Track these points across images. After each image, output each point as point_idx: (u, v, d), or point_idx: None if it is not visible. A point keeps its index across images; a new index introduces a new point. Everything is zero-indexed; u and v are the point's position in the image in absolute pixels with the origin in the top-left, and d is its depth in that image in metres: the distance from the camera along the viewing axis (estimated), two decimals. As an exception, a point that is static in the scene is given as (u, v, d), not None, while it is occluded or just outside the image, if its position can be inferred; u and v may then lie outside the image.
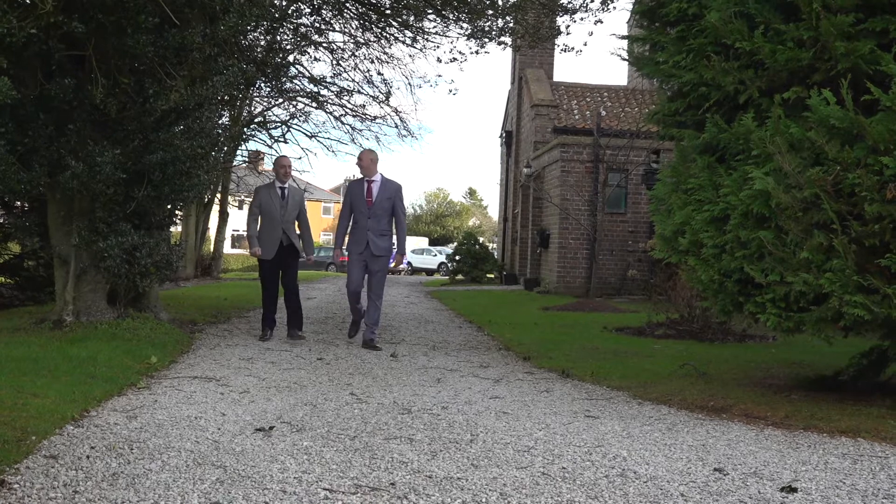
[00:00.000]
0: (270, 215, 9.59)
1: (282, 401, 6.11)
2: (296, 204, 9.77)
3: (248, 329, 10.81)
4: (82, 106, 8.73)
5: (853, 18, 5.59)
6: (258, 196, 9.73)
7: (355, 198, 9.41)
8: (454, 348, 9.80)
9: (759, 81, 6.10)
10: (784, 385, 7.21)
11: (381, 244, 9.33)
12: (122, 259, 9.07)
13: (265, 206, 9.63)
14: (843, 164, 5.48)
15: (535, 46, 17.27)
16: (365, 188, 9.38)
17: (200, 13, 9.16)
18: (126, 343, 8.26)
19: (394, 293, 21.38)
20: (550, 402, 6.47)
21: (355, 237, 9.38)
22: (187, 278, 22.54)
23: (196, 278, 23.91)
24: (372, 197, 9.34)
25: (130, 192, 9.10)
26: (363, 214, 9.30)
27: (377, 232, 9.31)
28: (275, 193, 9.69)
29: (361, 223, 9.32)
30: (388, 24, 15.86)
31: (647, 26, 7.49)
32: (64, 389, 5.80)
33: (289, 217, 9.67)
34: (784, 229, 5.80)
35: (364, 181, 9.43)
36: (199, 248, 25.63)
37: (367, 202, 9.32)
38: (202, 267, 25.68)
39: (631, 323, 12.67)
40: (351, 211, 9.45)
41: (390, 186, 9.41)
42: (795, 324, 5.96)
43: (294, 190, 9.89)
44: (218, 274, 26.24)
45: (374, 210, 9.29)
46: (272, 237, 9.59)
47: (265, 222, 9.62)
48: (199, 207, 23.97)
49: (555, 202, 21.30)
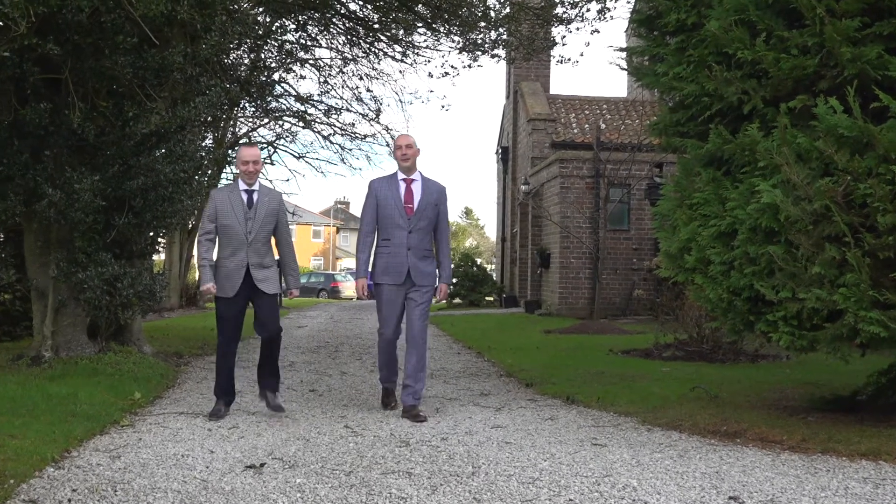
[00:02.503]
0: (231, 231, 6.93)
1: (273, 435, 6.09)
2: (270, 214, 7.05)
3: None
4: (59, 131, 8.75)
5: (859, 23, 5.63)
6: (213, 203, 7.01)
7: (386, 205, 7.14)
8: (453, 376, 9.78)
9: (763, 91, 6.13)
10: (800, 407, 7.19)
11: (426, 269, 7.17)
12: (102, 290, 9.05)
13: (224, 218, 6.94)
14: (854, 173, 5.50)
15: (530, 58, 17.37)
16: (402, 190, 7.16)
17: (181, 32, 9.21)
18: (108, 379, 8.23)
19: (388, 319, 21.30)
20: (555, 431, 6.45)
21: (388, 260, 7.13)
22: (172, 308, 22.49)
23: (181, 308, 23.86)
24: (413, 203, 7.14)
25: (110, 220, 9.10)
26: (400, 228, 7.10)
27: (420, 253, 7.15)
28: (237, 199, 6.98)
29: (397, 240, 7.10)
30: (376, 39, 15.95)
31: (645, 36, 7.53)
32: (43, 429, 5.77)
33: (259, 233, 6.96)
34: (794, 243, 5.81)
35: (399, 180, 7.20)
36: (184, 277, 25.61)
37: (407, 210, 7.12)
38: (187, 296, 25.63)
39: (637, 345, 12.65)
40: (377, 222, 7.22)
41: (434, 188, 7.27)
42: (809, 342, 5.97)
43: (266, 193, 7.17)
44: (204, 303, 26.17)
45: (415, 222, 7.12)
46: (233, 262, 6.90)
47: (224, 241, 6.97)
48: (182, 234, 23.97)
49: (555, 220, 21.34)
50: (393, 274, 7.12)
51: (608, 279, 20.84)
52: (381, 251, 7.19)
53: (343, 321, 20.09)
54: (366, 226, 7.27)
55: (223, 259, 6.95)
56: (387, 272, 7.14)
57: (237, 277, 6.89)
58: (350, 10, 15.13)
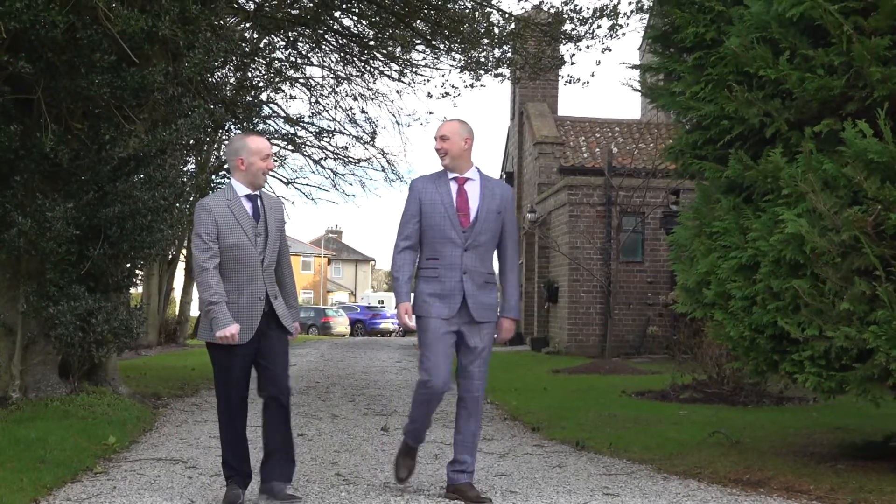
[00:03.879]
0: (240, 253, 5.53)
1: (258, 483, 6.06)
2: (279, 227, 5.79)
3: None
4: (30, 155, 8.78)
5: (889, 41, 5.67)
6: (209, 216, 5.50)
7: (433, 212, 5.78)
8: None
9: (786, 113, 6.16)
10: (828, 453, 7.17)
11: (487, 300, 5.86)
12: (75, 326, 9.05)
13: (228, 236, 5.52)
14: (885, 202, 5.51)
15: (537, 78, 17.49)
16: (454, 193, 5.81)
17: (162, 50, 9.27)
18: (80, 422, 8.20)
19: (383, 357, 21.32)
20: (564, 479, 6.42)
21: (435, 287, 5.77)
22: (150, 346, 22.46)
23: (160, 346, 23.82)
24: (470, 211, 5.79)
25: (84, 251, 9.11)
26: (453, 244, 5.75)
27: (480, 277, 5.82)
28: (240, 210, 5.58)
29: (449, 259, 5.76)
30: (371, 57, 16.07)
31: (660, 53, 7.58)
32: (10, 476, 5.75)
33: (272, 253, 5.67)
34: (821, 277, 5.81)
35: (449, 180, 5.85)
36: (163, 312, 25.59)
37: (462, 220, 5.77)
38: (166, 332, 25.59)
39: (653, 386, 12.62)
40: (419, 234, 5.85)
41: (497, 190, 5.92)
42: (838, 384, 5.96)
43: (269, 200, 5.83)
44: (184, 340, 26.15)
45: (474, 236, 5.78)
46: (245, 296, 5.53)
47: (230, 268, 5.53)
48: (162, 265, 23.99)
49: (563, 251, 21.36)
50: (442, 304, 5.74)
51: (621, 315, 20.82)
52: (426, 274, 5.83)
53: (334, 360, 20.05)
54: (405, 238, 5.84)
55: (234, 292, 5.51)
56: (433, 302, 5.75)
57: (253, 316, 5.51)
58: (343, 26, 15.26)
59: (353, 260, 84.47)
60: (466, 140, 5.82)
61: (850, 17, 5.78)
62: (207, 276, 5.42)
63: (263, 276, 5.57)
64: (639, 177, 20.87)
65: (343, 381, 14.39)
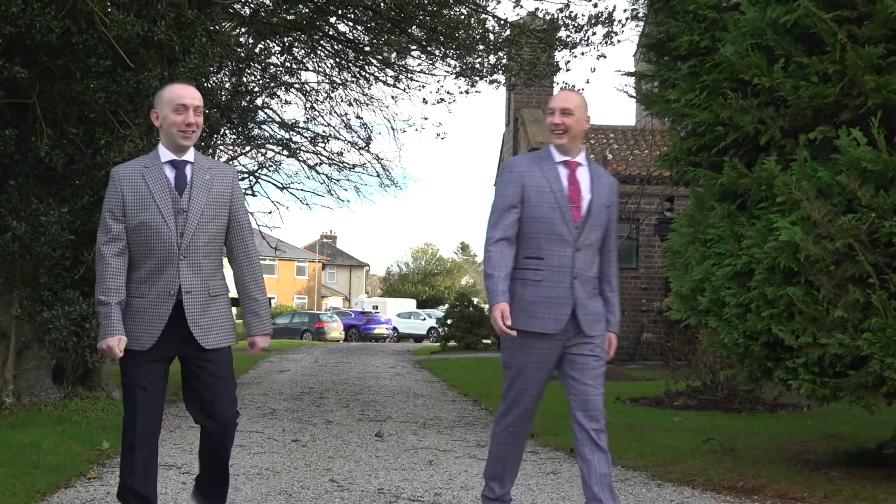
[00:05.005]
0: (149, 233, 4.34)
1: (252, 490, 6.06)
2: (216, 201, 4.46)
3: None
4: (25, 160, 8.79)
5: (883, 50, 5.69)
6: (116, 187, 4.37)
7: (540, 201, 4.74)
8: (447, 425, 9.74)
9: (781, 121, 6.19)
10: (822, 461, 7.18)
11: (597, 309, 4.87)
12: (69, 331, 9.04)
13: (136, 212, 4.34)
14: (879, 210, 5.53)
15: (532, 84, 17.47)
16: (563, 179, 4.79)
17: (157, 55, 9.27)
18: (74, 427, 8.19)
19: (377, 363, 21.31)
20: (558, 486, 6.43)
21: (538, 293, 4.72)
22: (143, 351, 22.41)
23: (153, 350, 23.76)
24: (582, 203, 4.80)
25: (79, 256, 9.11)
26: (563, 242, 4.73)
27: (590, 283, 4.85)
28: (157, 178, 4.38)
29: (557, 260, 4.74)
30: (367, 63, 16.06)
31: (655, 61, 7.60)
32: (3, 482, 5.75)
33: (198, 236, 4.40)
34: (815, 285, 5.83)
35: (557, 163, 4.82)
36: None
37: (573, 212, 4.75)
38: (160, 337, 25.52)
39: (647, 392, 12.63)
40: (518, 226, 4.77)
41: (605, 181, 4.92)
42: (832, 391, 5.97)
43: (209, 167, 4.53)
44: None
45: (586, 233, 4.79)
46: (153, 291, 4.35)
47: (137, 253, 4.36)
48: (156, 270, 23.92)
49: (558, 257, 21.34)
50: (546, 316, 4.70)
51: (615, 321, 20.82)
52: (526, 277, 4.75)
53: (329, 365, 20.04)
54: (501, 229, 4.74)
55: (134, 285, 4.33)
56: (534, 313, 4.70)
57: (158, 316, 4.32)
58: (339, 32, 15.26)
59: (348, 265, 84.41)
60: (588, 119, 4.87)
61: (844, 25, 5.81)
62: (101, 266, 4.29)
63: (180, 265, 4.31)
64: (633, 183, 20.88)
65: (337, 386, 14.38)
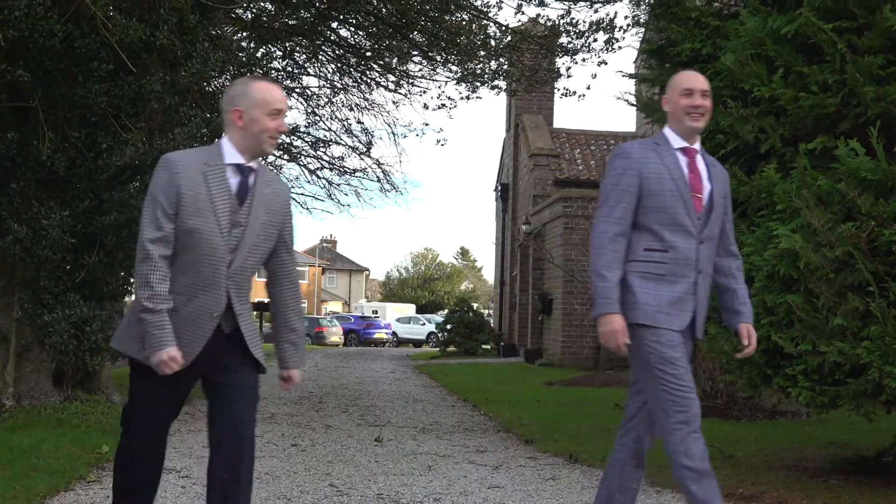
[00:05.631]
0: (201, 244, 3.84)
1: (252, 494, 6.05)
2: (271, 221, 4.01)
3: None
4: (27, 163, 8.80)
5: (882, 60, 5.72)
6: (172, 179, 3.84)
7: (660, 189, 4.30)
8: (446, 430, 9.75)
9: (781, 129, 6.21)
10: (821, 468, 7.19)
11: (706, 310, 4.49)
12: (69, 334, 9.04)
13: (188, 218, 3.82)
14: (878, 218, 5.55)
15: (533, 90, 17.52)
16: (684, 166, 4.36)
17: (160, 59, 9.29)
18: (74, 430, 8.19)
19: (377, 368, 21.32)
20: (557, 492, 6.43)
21: (664, 288, 4.27)
22: (143, 354, 22.41)
23: (153, 354, 23.77)
24: (703, 191, 4.37)
25: (80, 259, 9.11)
26: (686, 233, 4.30)
27: (706, 280, 4.41)
28: (219, 183, 3.87)
29: (683, 252, 4.29)
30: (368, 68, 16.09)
31: (656, 67, 7.62)
32: (2, 485, 5.75)
33: (251, 254, 3.95)
34: (815, 293, 5.84)
35: (675, 150, 4.38)
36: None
37: (695, 201, 4.34)
38: (160, 341, 25.54)
39: (646, 399, 12.62)
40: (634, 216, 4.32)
41: (719, 171, 4.50)
42: (831, 398, 5.98)
43: (269, 179, 4.06)
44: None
45: (711, 225, 4.38)
46: (197, 307, 3.86)
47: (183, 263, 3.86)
48: (156, 274, 23.94)
49: (558, 263, 21.39)
50: (672, 313, 4.25)
51: (615, 327, 20.81)
52: (649, 269, 4.29)
53: (328, 370, 20.04)
54: (616, 221, 4.29)
55: (176, 296, 3.83)
56: (659, 307, 4.24)
57: (198, 335, 3.85)
58: (341, 37, 15.28)
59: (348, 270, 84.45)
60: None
61: (844, 35, 5.83)
62: (148, 268, 3.76)
63: (227, 285, 3.87)
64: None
65: (336, 391, 14.39)
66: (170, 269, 3.80)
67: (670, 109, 4.40)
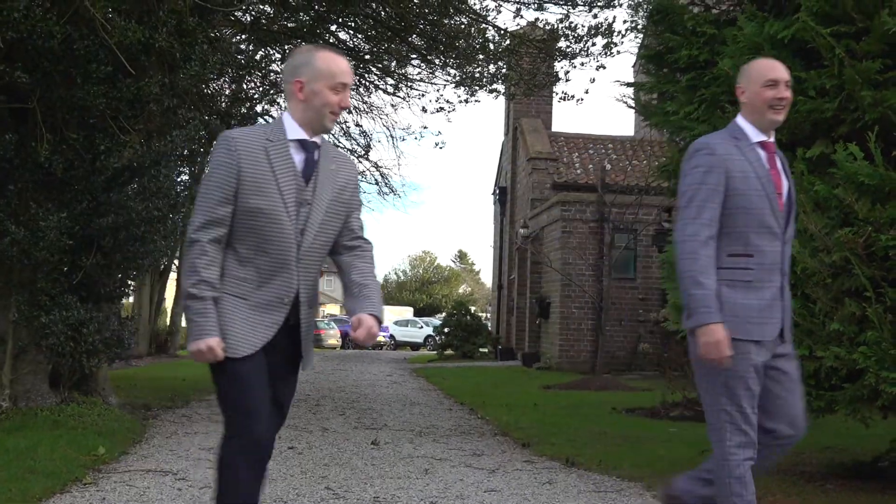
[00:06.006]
0: (267, 225, 3.62)
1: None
2: (341, 198, 3.81)
3: (210, 414, 10.74)
4: (24, 164, 8.79)
5: (880, 64, 5.73)
6: (231, 156, 3.59)
7: (746, 189, 4.00)
8: (443, 434, 9.75)
9: (778, 134, 6.20)
10: (817, 473, 7.19)
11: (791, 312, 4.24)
12: (66, 336, 9.03)
13: (255, 195, 3.60)
14: (875, 224, 5.56)
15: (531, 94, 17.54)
16: (765, 161, 4.09)
17: (158, 61, 9.29)
18: (70, 432, 8.18)
19: (374, 371, 21.31)
20: (553, 496, 6.43)
21: (750, 295, 3.99)
22: (140, 356, 22.41)
23: (150, 356, 23.78)
24: (782, 188, 4.11)
25: (77, 261, 9.11)
26: (772, 234, 4.04)
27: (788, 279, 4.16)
28: (283, 160, 3.65)
29: (770, 256, 4.03)
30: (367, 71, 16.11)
31: (654, 73, 7.64)
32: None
33: (321, 234, 3.75)
34: (811, 298, 5.85)
35: (754, 144, 4.11)
36: (154, 322, 25.54)
37: (778, 198, 4.06)
38: (157, 343, 25.55)
39: (643, 403, 12.63)
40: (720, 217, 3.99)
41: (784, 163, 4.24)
42: (827, 403, 5.99)
43: (334, 156, 3.86)
44: (175, 351, 26.10)
45: (790, 222, 4.14)
46: (269, 293, 3.67)
47: (249, 247, 3.64)
48: (153, 276, 23.96)
49: (555, 267, 21.39)
50: (759, 321, 3.99)
51: (612, 331, 20.84)
52: (733, 276, 4.01)
53: (325, 372, 20.04)
54: (706, 224, 3.97)
55: (235, 281, 3.64)
56: (747, 318, 3.97)
57: (264, 326, 3.66)
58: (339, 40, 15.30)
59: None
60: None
61: (843, 40, 5.84)
62: (195, 253, 3.57)
63: (298, 269, 3.68)
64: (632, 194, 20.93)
65: (334, 394, 14.38)
66: (221, 252, 3.62)
67: (748, 100, 4.12)
